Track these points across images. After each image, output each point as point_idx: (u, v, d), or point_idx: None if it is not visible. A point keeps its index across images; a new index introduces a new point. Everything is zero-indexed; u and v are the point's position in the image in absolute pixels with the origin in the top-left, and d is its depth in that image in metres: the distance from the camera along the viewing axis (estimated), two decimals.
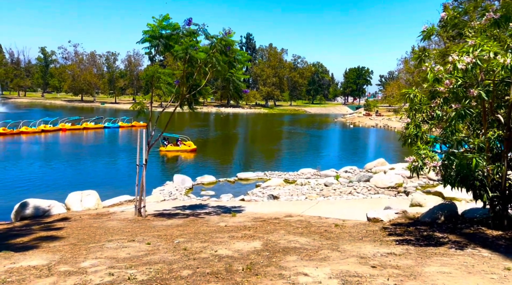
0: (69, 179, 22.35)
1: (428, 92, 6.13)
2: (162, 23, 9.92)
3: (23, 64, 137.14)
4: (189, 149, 33.04)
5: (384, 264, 4.87)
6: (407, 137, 6.03)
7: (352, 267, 4.74)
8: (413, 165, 5.61)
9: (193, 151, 33.01)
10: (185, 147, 33.26)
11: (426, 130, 6.03)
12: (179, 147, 33.21)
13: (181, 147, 33.22)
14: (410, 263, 4.88)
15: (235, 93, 11.54)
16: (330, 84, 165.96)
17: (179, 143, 33.57)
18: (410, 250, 5.57)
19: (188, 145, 33.46)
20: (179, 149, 32.95)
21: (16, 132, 41.27)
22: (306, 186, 17.47)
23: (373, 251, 5.55)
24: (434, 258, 5.11)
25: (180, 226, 9.97)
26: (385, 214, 8.00)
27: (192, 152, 32.91)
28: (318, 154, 36.87)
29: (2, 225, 11.71)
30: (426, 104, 6.28)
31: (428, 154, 5.50)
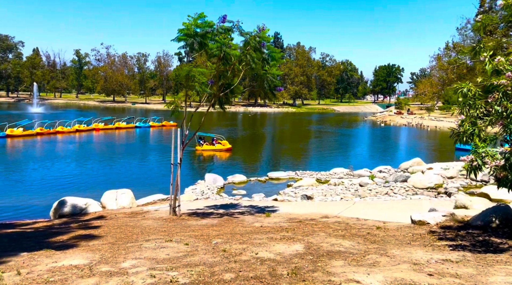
0: (104, 177, 22.82)
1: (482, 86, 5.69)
2: (197, 21, 9.82)
3: (58, 66, 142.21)
4: (225, 148, 33.19)
5: (441, 272, 4.51)
6: (462, 135, 5.59)
7: (407, 275, 4.41)
8: (470, 164, 5.19)
9: (228, 150, 33.14)
10: (220, 146, 33.43)
11: (482, 127, 5.58)
12: (215, 146, 33.41)
13: (216, 146, 33.41)
14: (471, 272, 4.50)
15: (269, 91, 11.31)
16: (359, 82, 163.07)
17: (214, 142, 33.77)
18: (467, 257, 5.16)
19: (223, 144, 33.65)
20: (214, 148, 33.15)
21: (53, 132, 42.71)
22: (340, 186, 17.04)
23: (426, 257, 5.18)
24: (497, 266, 4.70)
25: (215, 226, 9.85)
26: (431, 216, 7.57)
27: (227, 151, 33.04)
28: (349, 153, 36.15)
29: (42, 222, 11.99)
30: (481, 99, 5.82)
31: (489, 152, 5.07)
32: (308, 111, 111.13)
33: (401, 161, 26.15)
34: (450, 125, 61.21)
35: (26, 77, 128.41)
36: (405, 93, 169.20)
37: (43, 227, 10.76)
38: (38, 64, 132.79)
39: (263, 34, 10.20)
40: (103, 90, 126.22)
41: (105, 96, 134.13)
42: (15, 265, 5.69)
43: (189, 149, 32.99)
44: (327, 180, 19.89)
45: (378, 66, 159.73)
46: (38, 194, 18.46)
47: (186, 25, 9.86)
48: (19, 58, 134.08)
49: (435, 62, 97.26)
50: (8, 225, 11.64)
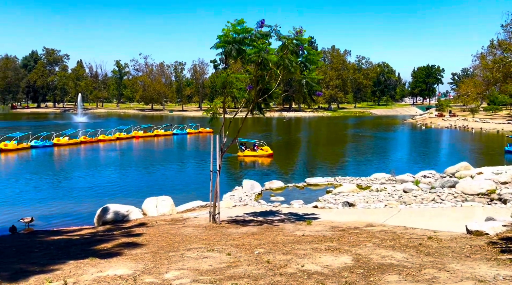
0: (144, 184, 23.27)
1: None
2: (235, 28, 9.74)
3: (100, 77, 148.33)
4: (266, 154, 33.09)
5: None
6: None
7: None
8: None
9: (270, 155, 33.00)
10: (262, 151, 33.40)
11: None
12: (256, 151, 33.41)
13: (258, 151, 33.40)
14: None
15: (308, 96, 11.04)
16: (397, 84, 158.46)
17: (256, 148, 33.78)
18: None
19: (265, 149, 33.58)
20: (256, 154, 33.14)
21: (95, 140, 44.35)
22: (382, 192, 16.40)
23: (491, 273, 4.73)
24: None
25: (256, 234, 9.66)
26: (489, 226, 7.00)
27: (269, 156, 32.91)
28: (388, 157, 34.99)
29: (87, 229, 12.29)
30: None
31: None
32: (344, 115, 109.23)
33: (446, 165, 24.91)
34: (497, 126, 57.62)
35: (71, 89, 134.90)
36: (445, 94, 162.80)
37: (88, 234, 11.00)
38: (81, 75, 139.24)
39: (300, 36, 9.97)
40: (142, 99, 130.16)
41: (144, 105, 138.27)
42: (62, 274, 5.74)
43: (231, 155, 33.25)
44: (368, 186, 19.25)
45: (417, 67, 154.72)
46: (82, 201, 19.05)
47: (225, 32, 9.81)
48: (65, 70, 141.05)
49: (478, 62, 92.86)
50: (56, 232, 12.02)
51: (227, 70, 10.34)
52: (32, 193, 20.75)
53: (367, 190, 18.06)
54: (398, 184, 18.93)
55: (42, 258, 7.50)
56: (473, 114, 76.38)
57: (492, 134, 54.74)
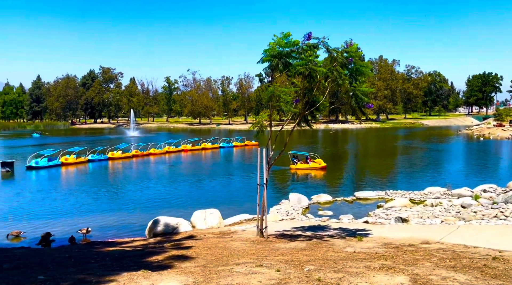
0: (192, 196, 23.75)
1: None
2: (282, 41, 9.76)
3: (151, 93, 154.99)
4: (319, 167, 32.58)
5: None
6: None
7: None
8: None
9: (323, 168, 32.41)
10: (315, 164, 32.93)
11: None
12: (309, 164, 33.02)
13: (311, 164, 32.99)
14: None
15: (357, 108, 10.77)
16: (450, 93, 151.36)
17: (308, 161, 33.42)
18: None
19: (318, 162, 33.07)
20: (309, 167, 32.75)
21: (146, 154, 46.14)
22: (438, 207, 15.53)
23: None
24: None
25: (305, 250, 9.45)
26: None
27: (322, 169, 32.33)
28: (443, 170, 33.23)
29: (139, 241, 12.67)
30: None
31: None
32: (393, 126, 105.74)
33: (509, 179, 23.25)
34: None
35: (124, 105, 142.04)
36: (505, 103, 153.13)
37: (140, 246, 11.32)
38: (134, 92, 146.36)
39: (350, 49, 9.78)
40: (190, 113, 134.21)
41: (192, 119, 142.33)
42: None
43: (283, 168, 33.19)
44: (422, 201, 18.33)
45: (472, 76, 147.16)
46: (134, 213, 19.76)
47: (271, 45, 9.85)
48: (119, 87, 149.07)
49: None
50: (110, 243, 12.50)
51: (274, 84, 10.34)
52: (89, 204, 21.86)
53: (421, 204, 17.20)
54: (455, 198, 17.86)
55: (98, 269, 7.79)
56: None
57: None
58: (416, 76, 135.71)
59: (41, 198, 23.64)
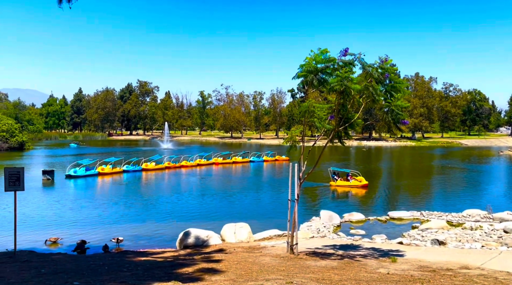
0: (222, 209, 23.84)
1: None
2: (319, 57, 9.77)
3: (185, 107, 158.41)
4: (360, 184, 31.88)
5: None
6: None
7: None
8: None
9: (364, 186, 31.67)
10: (356, 182, 32.28)
11: None
12: (350, 182, 32.43)
13: (352, 182, 32.38)
14: None
15: (393, 124, 10.55)
16: (491, 113, 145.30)
17: (349, 178, 32.89)
18: None
19: (359, 180, 32.38)
20: (350, 184, 32.15)
21: (178, 166, 46.95)
22: (478, 231, 14.80)
23: None
24: None
25: (336, 269, 9.23)
26: None
27: (363, 187, 31.58)
28: (483, 192, 31.74)
29: (169, 252, 12.81)
30: None
31: None
32: (429, 145, 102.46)
33: None
34: None
35: (159, 117, 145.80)
36: None
37: (170, 257, 11.44)
38: (169, 105, 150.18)
39: (386, 65, 9.65)
40: (222, 127, 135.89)
41: (224, 133, 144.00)
42: None
43: (322, 184, 33.03)
44: (460, 223, 17.54)
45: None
46: (165, 223, 20.05)
47: (308, 60, 9.88)
48: (155, 100, 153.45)
49: None
50: (142, 253, 12.70)
51: (308, 99, 10.33)
52: (122, 214, 22.40)
53: (459, 227, 16.45)
54: (497, 222, 16.98)
55: (130, 277, 7.93)
56: None
57: None
58: (454, 94, 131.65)
59: (78, 206, 24.47)
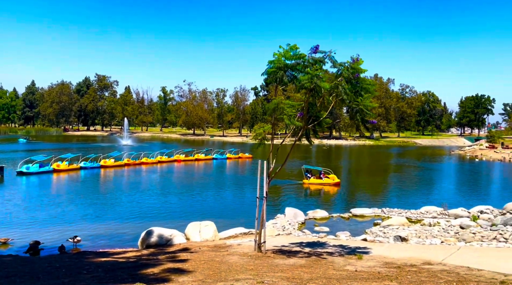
0: (185, 207, 23.35)
1: None
2: (288, 53, 9.66)
3: (146, 102, 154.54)
4: (333, 182, 32.21)
5: None
6: None
7: None
8: None
9: (336, 184, 32.03)
10: (328, 180, 32.57)
11: None
12: (323, 180, 32.70)
13: (324, 180, 32.66)
14: None
15: (361, 124, 10.66)
16: (443, 114, 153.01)
17: (322, 176, 33.16)
18: None
19: (331, 178, 32.67)
20: (322, 182, 32.42)
21: (138, 163, 45.65)
22: (436, 227, 15.38)
23: None
24: None
25: (305, 267, 9.19)
26: None
27: (335, 185, 31.93)
28: (437, 190, 33.22)
29: (132, 252, 12.28)
30: None
31: None
32: (387, 144, 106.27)
33: (503, 200, 23.33)
34: None
35: (118, 113, 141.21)
36: (495, 125, 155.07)
37: (133, 257, 10.95)
38: (129, 101, 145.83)
39: (356, 65, 9.71)
40: (184, 124, 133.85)
41: (186, 130, 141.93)
42: None
43: (295, 182, 33.14)
44: (419, 220, 18.19)
45: (465, 97, 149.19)
46: (126, 222, 19.32)
47: (277, 56, 9.75)
48: (114, 95, 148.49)
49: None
50: (102, 253, 12.10)
51: (278, 96, 10.21)
52: (80, 213, 21.36)
53: (419, 224, 17.05)
54: (452, 218, 17.75)
55: (91, 280, 7.46)
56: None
57: None
58: (410, 95, 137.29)
59: (31, 204, 23.09)
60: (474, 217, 16.54)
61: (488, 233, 13.67)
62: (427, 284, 7.16)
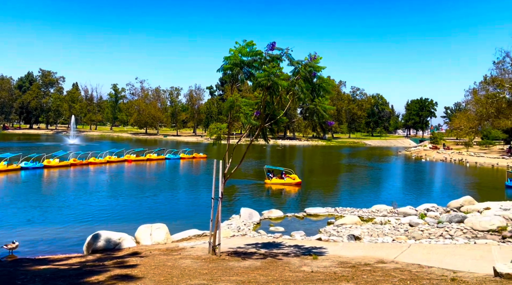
0: (136, 210, 22.37)
1: None
2: (245, 49, 9.36)
3: (95, 100, 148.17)
4: (294, 182, 32.35)
5: None
6: None
7: None
8: None
9: (298, 184, 32.19)
10: (290, 180, 32.67)
11: None
12: (284, 180, 32.71)
13: (286, 180, 32.69)
14: None
15: (319, 125, 10.61)
16: (391, 116, 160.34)
17: (284, 176, 33.14)
18: None
19: (293, 177, 32.85)
20: (284, 182, 32.44)
21: (85, 163, 43.43)
22: (387, 226, 15.77)
23: None
24: None
25: (260, 269, 8.95)
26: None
27: (297, 185, 32.08)
28: (386, 189, 34.48)
29: (75, 258, 11.42)
30: None
31: None
32: (338, 145, 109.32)
33: (447, 199, 24.51)
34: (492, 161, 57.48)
35: (65, 111, 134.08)
36: (437, 127, 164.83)
37: (77, 264, 10.17)
38: (76, 98, 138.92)
39: (314, 63, 9.60)
40: (136, 123, 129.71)
41: (138, 129, 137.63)
42: None
43: (257, 182, 32.98)
44: (371, 218, 18.63)
45: (410, 100, 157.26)
46: (71, 226, 18.13)
47: (233, 53, 9.43)
48: (60, 92, 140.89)
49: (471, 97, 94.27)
50: (42, 260, 11.13)
51: (235, 93, 9.89)
52: (18, 216, 19.77)
53: (370, 222, 17.43)
54: (402, 216, 18.35)
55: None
56: (467, 148, 76.80)
57: (487, 168, 54.73)
58: (360, 98, 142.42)
59: None
60: (422, 215, 17.19)
61: (435, 230, 14.20)
62: (382, 283, 7.15)
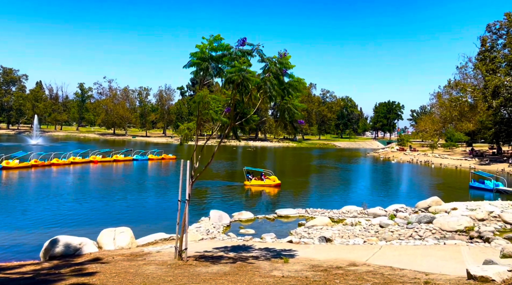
0: (100, 213, 21.37)
1: None
2: (212, 44, 8.93)
3: (61, 99, 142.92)
4: (274, 184, 32.17)
5: None
6: None
7: None
8: None
9: (277, 185, 32.04)
10: (269, 181, 32.44)
11: None
12: (264, 181, 32.44)
13: (265, 181, 32.43)
14: None
15: (290, 123, 10.30)
16: (359, 118, 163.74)
17: (263, 177, 32.86)
18: None
19: (272, 179, 32.67)
20: (263, 183, 32.16)
21: (47, 164, 41.49)
22: (357, 227, 15.69)
23: None
24: None
25: (229, 275, 8.51)
26: (494, 271, 6.31)
27: (276, 186, 31.90)
28: (356, 190, 34.81)
29: (30, 265, 10.57)
30: None
31: None
32: (309, 147, 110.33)
33: (415, 199, 24.91)
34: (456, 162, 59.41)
35: (28, 110, 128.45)
36: (404, 130, 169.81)
37: (30, 272, 9.37)
38: (40, 97, 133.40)
39: (284, 60, 9.29)
40: (104, 123, 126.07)
41: (106, 129, 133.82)
42: None
43: (237, 183, 32.61)
44: (341, 219, 18.55)
45: (378, 103, 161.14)
46: (28, 231, 17.02)
47: (200, 48, 8.97)
48: (22, 91, 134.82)
49: (435, 100, 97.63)
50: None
51: (204, 89, 9.43)
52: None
53: (341, 223, 17.34)
54: (372, 217, 18.38)
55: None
56: (432, 150, 79.22)
57: (451, 169, 56.56)
58: (330, 100, 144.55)
59: None
60: (391, 216, 17.27)
61: (405, 231, 14.23)
62: None
